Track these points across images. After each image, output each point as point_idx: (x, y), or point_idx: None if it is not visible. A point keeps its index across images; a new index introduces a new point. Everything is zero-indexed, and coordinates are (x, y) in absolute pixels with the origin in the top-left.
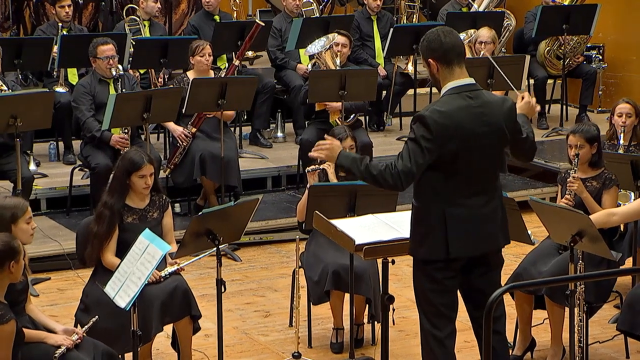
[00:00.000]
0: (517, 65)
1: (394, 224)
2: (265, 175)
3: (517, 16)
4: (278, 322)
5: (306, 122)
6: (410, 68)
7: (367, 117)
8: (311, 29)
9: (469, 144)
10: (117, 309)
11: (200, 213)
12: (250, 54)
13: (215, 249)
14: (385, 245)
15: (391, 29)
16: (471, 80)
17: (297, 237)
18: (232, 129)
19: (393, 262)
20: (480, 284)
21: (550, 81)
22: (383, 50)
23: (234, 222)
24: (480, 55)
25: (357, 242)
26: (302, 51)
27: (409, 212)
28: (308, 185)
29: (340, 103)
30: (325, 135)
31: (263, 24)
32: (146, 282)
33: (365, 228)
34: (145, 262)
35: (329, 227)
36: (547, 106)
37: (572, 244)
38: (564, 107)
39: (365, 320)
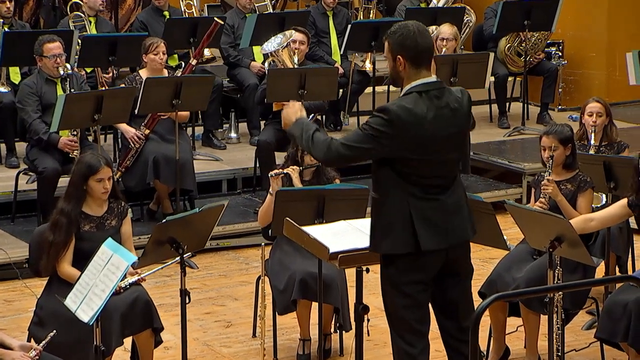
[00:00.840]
0: (481, 63)
1: (367, 231)
2: (220, 178)
3: (476, 12)
4: (241, 333)
5: (262, 123)
6: (368, 65)
7: (324, 117)
8: (266, 25)
9: (433, 146)
10: (74, 323)
11: (164, 220)
12: (207, 53)
13: (178, 258)
14: (361, 253)
15: (349, 25)
16: (435, 78)
17: (263, 243)
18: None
19: (367, 270)
20: (453, 294)
21: (510, 79)
22: (340, 47)
23: (198, 229)
24: (442, 53)
25: (331, 250)
26: (256, 48)
27: None
28: (271, 190)
29: (299, 103)
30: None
31: (222, 22)
32: (111, 295)
33: (338, 235)
34: (109, 274)
35: (301, 235)
36: (507, 104)
37: (550, 250)
38: (525, 105)
39: (333, 330)
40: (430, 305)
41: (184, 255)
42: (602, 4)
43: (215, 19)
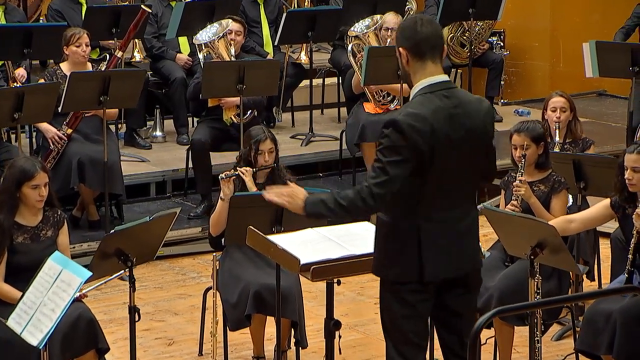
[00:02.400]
0: None
1: (338, 239)
2: (147, 180)
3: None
4: (185, 351)
5: (190, 119)
6: (303, 57)
7: (256, 113)
8: (194, 14)
9: (445, 151)
10: (8, 345)
11: (112, 231)
12: (137, 56)
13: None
14: (336, 265)
15: (284, 15)
16: (445, 77)
17: (214, 253)
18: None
19: (339, 282)
20: (458, 306)
21: (453, 71)
22: (272, 37)
23: (148, 239)
24: (387, 44)
25: (302, 262)
26: (182, 39)
27: (351, 225)
28: (222, 195)
29: (238, 98)
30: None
31: (150, 10)
32: (63, 316)
33: (306, 244)
34: (60, 292)
35: (267, 245)
36: None
37: (532, 257)
38: None
39: (289, 346)
40: (431, 318)
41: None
42: None
43: (143, 7)
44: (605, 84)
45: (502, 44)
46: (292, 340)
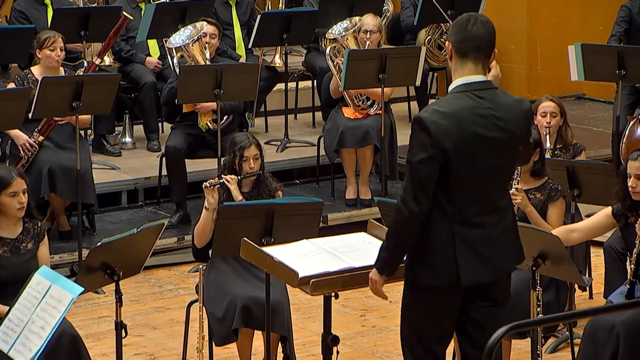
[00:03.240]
0: (412, 58)
1: (336, 251)
2: (119, 189)
3: (393, 1)
4: None
5: (160, 125)
6: (277, 61)
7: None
8: (165, 16)
9: (476, 150)
10: None
11: (100, 243)
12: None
13: None
14: (336, 278)
15: (258, 17)
16: (483, 78)
17: (201, 266)
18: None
19: (337, 296)
20: (482, 319)
21: (431, 74)
22: (245, 39)
23: (135, 252)
24: (366, 47)
25: (301, 275)
26: (151, 42)
27: (347, 236)
28: (206, 204)
29: (214, 103)
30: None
31: (131, 17)
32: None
33: (303, 257)
34: (49, 308)
35: (262, 258)
36: (429, 102)
37: (533, 268)
38: None
39: None
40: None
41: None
42: None
43: (124, 13)
44: (585, 87)
45: None
46: (281, 355)
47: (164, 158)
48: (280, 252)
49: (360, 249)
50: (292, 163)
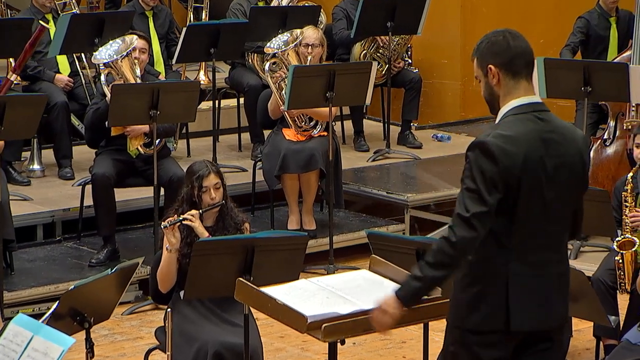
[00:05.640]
0: (362, 74)
1: (340, 292)
2: (33, 222)
3: (325, 11)
4: None
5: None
6: (202, 77)
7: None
8: (81, 29)
9: (540, 181)
10: None
11: (72, 287)
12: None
13: None
14: (348, 322)
15: (184, 29)
16: (538, 99)
17: (168, 309)
18: None
19: (343, 342)
20: None
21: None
22: (163, 54)
23: (106, 295)
24: (308, 62)
25: (310, 319)
26: (60, 58)
27: (348, 275)
28: (167, 246)
29: (146, 126)
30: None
31: (48, 27)
32: None
33: (307, 298)
34: None
35: (263, 300)
36: (363, 121)
37: None
38: (386, 124)
39: None
40: None
41: None
42: (454, 3)
43: (41, 23)
44: None
45: (410, 60)
46: None
47: (86, 187)
48: (280, 293)
49: (366, 289)
50: None
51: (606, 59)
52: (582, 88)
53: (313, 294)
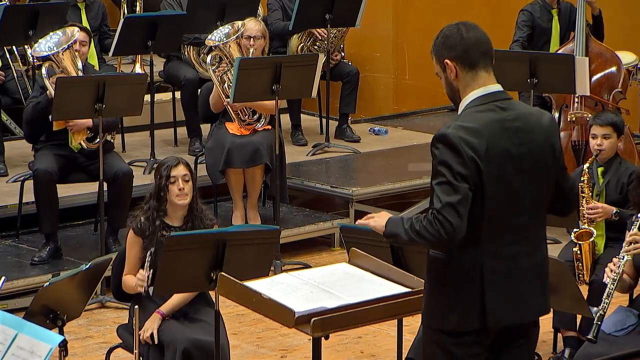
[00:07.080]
0: (309, 66)
1: (323, 285)
2: None
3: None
4: None
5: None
6: (138, 71)
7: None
8: (15, 21)
9: (506, 171)
10: None
11: (47, 284)
12: None
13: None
14: (336, 316)
15: (120, 21)
16: (499, 87)
17: (136, 306)
18: None
19: (327, 337)
20: None
21: None
22: (96, 47)
23: (78, 292)
24: (250, 54)
25: (298, 313)
26: None
27: (328, 268)
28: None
29: (89, 120)
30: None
31: None
32: None
33: (291, 293)
34: None
35: (247, 295)
36: (300, 115)
37: None
38: (324, 118)
39: None
40: None
41: None
42: None
43: None
44: None
45: (343, 53)
46: None
47: (25, 183)
48: (263, 288)
49: (350, 283)
50: None
51: (549, 51)
52: (528, 80)
53: (296, 288)
